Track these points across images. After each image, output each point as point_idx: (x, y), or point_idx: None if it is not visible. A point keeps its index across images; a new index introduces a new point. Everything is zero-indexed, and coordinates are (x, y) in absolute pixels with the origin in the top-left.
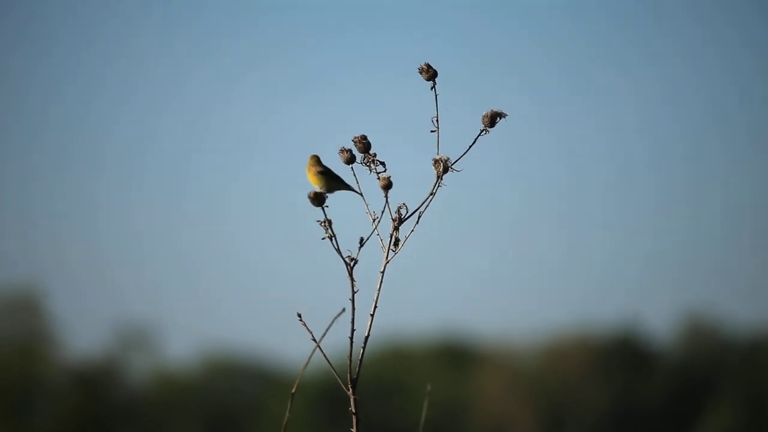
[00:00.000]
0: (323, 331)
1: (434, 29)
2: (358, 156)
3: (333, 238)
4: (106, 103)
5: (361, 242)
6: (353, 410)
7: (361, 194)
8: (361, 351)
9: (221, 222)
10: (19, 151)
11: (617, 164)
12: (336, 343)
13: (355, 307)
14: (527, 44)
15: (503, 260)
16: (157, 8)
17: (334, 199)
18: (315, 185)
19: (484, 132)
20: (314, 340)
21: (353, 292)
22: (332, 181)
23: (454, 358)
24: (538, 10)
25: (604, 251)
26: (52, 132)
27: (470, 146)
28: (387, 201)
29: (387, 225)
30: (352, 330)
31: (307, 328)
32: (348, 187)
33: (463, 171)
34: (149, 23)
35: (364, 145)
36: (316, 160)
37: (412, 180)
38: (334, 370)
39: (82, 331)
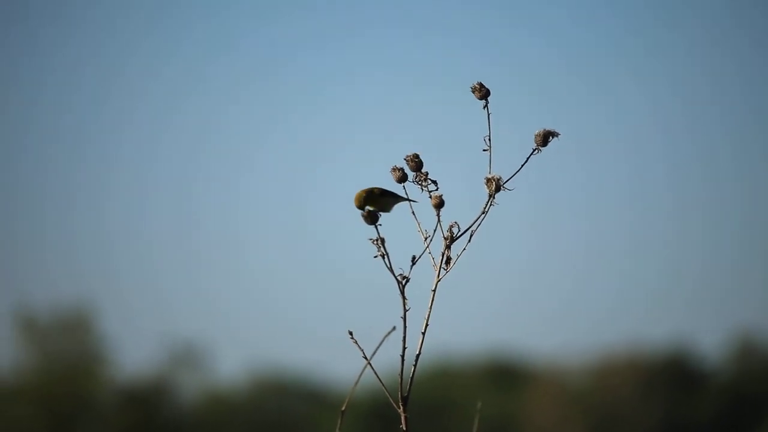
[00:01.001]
0: (374, 349)
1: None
2: (410, 174)
3: (385, 257)
4: (153, 115)
5: (413, 260)
6: (404, 428)
7: (412, 201)
8: (412, 369)
9: (273, 241)
10: (68, 168)
11: (669, 183)
12: (386, 361)
13: (407, 325)
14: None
15: (554, 280)
16: (170, 11)
17: (386, 217)
18: (381, 210)
19: (537, 151)
20: (365, 357)
21: (405, 310)
22: (391, 199)
23: (503, 377)
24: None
25: (656, 271)
26: (95, 149)
27: (522, 165)
28: (439, 219)
29: (439, 243)
30: (404, 348)
31: (359, 346)
32: (403, 198)
33: (515, 190)
34: (160, 28)
35: (416, 163)
36: (368, 193)
37: (463, 199)
38: (385, 388)
39: (133, 350)
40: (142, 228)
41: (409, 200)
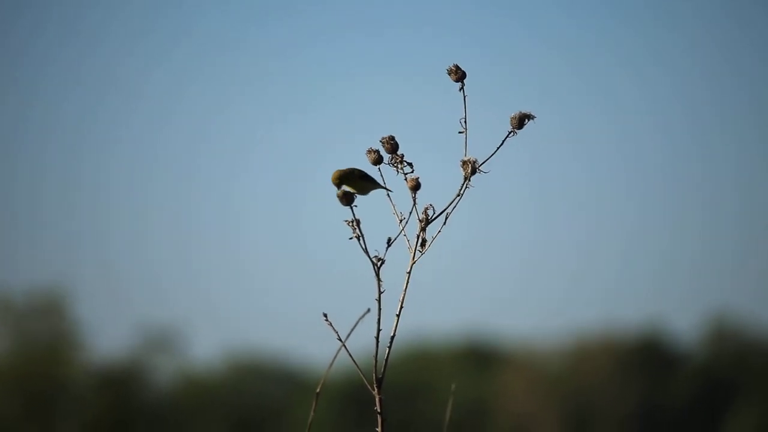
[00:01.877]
0: (348, 331)
1: (458, 30)
2: (386, 157)
3: (360, 238)
4: (136, 105)
5: (389, 242)
6: (378, 410)
7: (389, 191)
8: (387, 351)
9: (246, 223)
10: (41, 154)
11: (640, 166)
12: (361, 344)
13: (381, 307)
14: (538, 47)
15: (528, 262)
16: (167, 10)
17: (361, 199)
18: (358, 193)
19: (512, 134)
20: (340, 339)
21: (380, 293)
22: (370, 183)
23: (478, 360)
24: (550, 12)
25: (629, 253)
26: (76, 135)
27: (498, 148)
28: (414, 202)
29: (414, 226)
30: (378, 330)
31: (333, 328)
32: (379, 186)
33: (490, 173)
34: (157, 27)
35: (392, 145)
36: (347, 173)
37: (439, 181)
38: (360, 370)
39: (107, 333)
40: (117, 212)
41: (386, 189)
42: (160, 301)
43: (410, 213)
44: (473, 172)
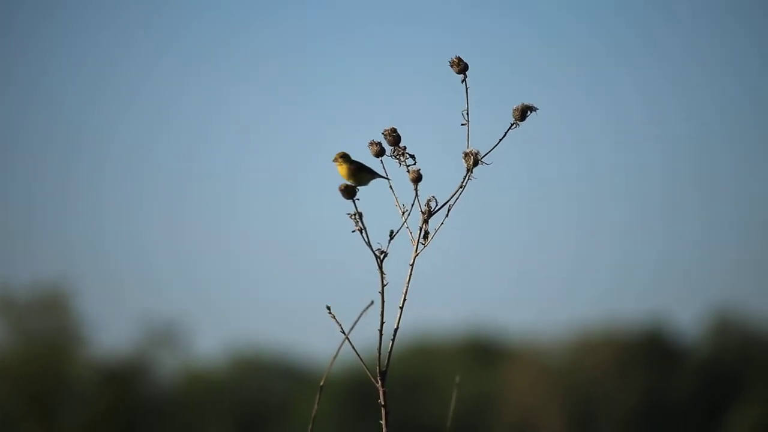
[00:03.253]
0: (352, 324)
1: (460, 22)
2: (388, 149)
3: (363, 231)
4: (130, 100)
5: (391, 235)
6: (382, 402)
7: (389, 179)
8: (391, 344)
9: (248, 218)
10: (41, 152)
11: (643, 160)
12: (364, 337)
13: (385, 299)
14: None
15: (531, 256)
16: (164, 7)
17: (364, 192)
18: (349, 182)
19: (515, 125)
20: (343, 332)
21: (383, 285)
22: (366, 174)
23: (481, 354)
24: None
25: (632, 247)
26: (81, 133)
27: (500, 140)
28: (417, 194)
29: (417, 218)
30: (382, 322)
31: (337, 321)
32: (378, 175)
33: (493, 164)
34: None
35: (394, 137)
36: (346, 156)
37: (441, 173)
38: (363, 363)
39: (110, 329)
40: (121, 208)
41: (387, 178)
42: (162, 297)
43: (412, 205)
44: (475, 163)
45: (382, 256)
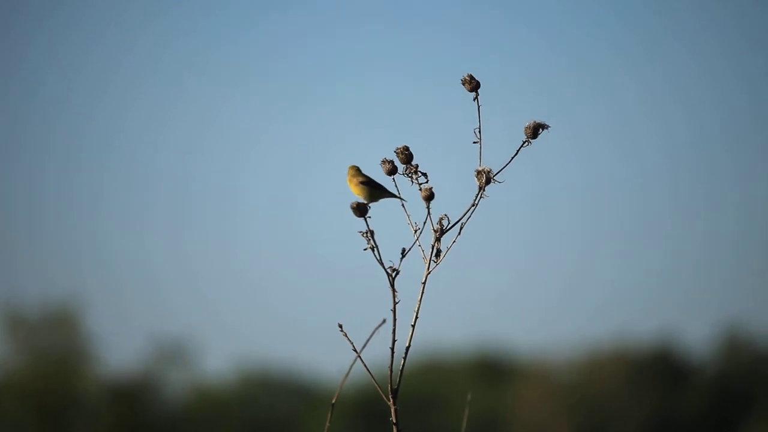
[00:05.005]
0: (364, 342)
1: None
2: (400, 167)
3: (375, 249)
4: (145, 114)
5: (403, 253)
6: (394, 420)
7: (403, 200)
8: (402, 361)
9: (257, 235)
10: (54, 166)
11: (653, 177)
12: (376, 355)
13: (396, 317)
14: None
15: (540, 274)
16: (164, 10)
17: (376, 209)
18: (358, 196)
19: (527, 143)
20: (355, 350)
21: (395, 303)
22: (375, 191)
23: (491, 372)
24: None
25: (641, 264)
26: (86, 147)
27: (512, 157)
28: (429, 212)
29: (429, 236)
30: (393, 340)
31: (348, 339)
32: (391, 195)
33: (505, 182)
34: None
35: (406, 156)
36: (357, 170)
37: (454, 191)
38: (375, 381)
39: (120, 346)
40: (130, 225)
41: (401, 198)
42: (171, 314)
43: (424, 223)
44: (488, 182)
45: (394, 274)
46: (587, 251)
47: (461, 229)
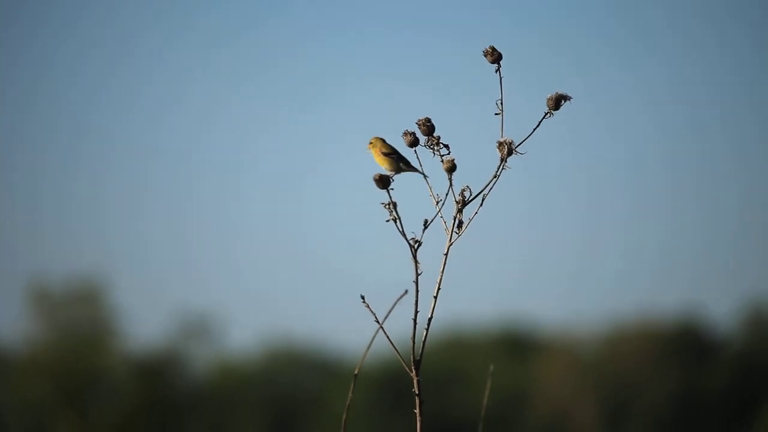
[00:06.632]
0: (386, 313)
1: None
2: (422, 139)
3: (397, 221)
4: (158, 98)
5: (425, 224)
6: (416, 391)
7: (426, 177)
8: (425, 333)
9: (281, 210)
10: (85, 141)
11: (680, 154)
12: (398, 327)
13: (419, 289)
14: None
15: (565, 248)
16: (166, 7)
17: (398, 181)
18: (382, 166)
19: (549, 115)
20: (377, 321)
21: (417, 274)
22: (400, 163)
23: (515, 347)
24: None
25: (667, 239)
26: (109, 125)
27: (534, 129)
28: (451, 183)
29: (451, 207)
30: (416, 311)
31: (371, 310)
32: (414, 169)
33: (527, 154)
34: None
35: (428, 128)
36: (382, 141)
37: (476, 162)
38: (398, 351)
39: (145, 322)
40: (154, 201)
41: (423, 173)
42: (196, 289)
43: (447, 195)
44: (509, 153)
45: (416, 246)
46: (611, 225)
47: (483, 200)
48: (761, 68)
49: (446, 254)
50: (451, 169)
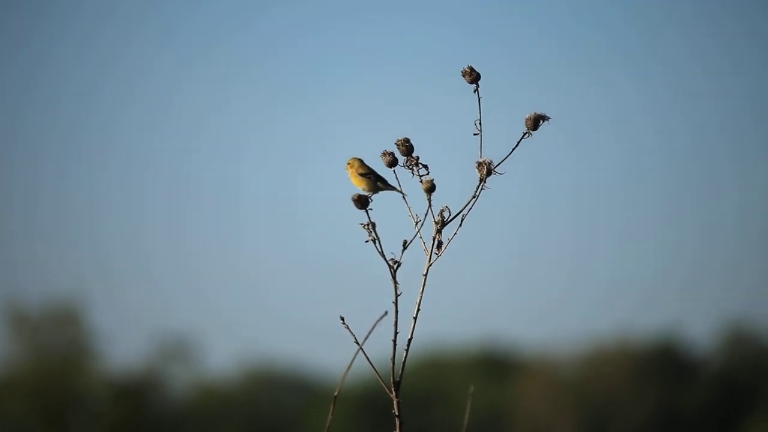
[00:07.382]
0: (366, 334)
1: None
2: (401, 159)
3: (376, 241)
4: (145, 111)
5: (405, 245)
6: (396, 413)
7: (404, 195)
8: (405, 354)
9: (258, 231)
10: (59, 165)
11: (660, 174)
12: (378, 348)
13: (398, 310)
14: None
15: (544, 268)
16: (162, 6)
17: (377, 201)
18: (359, 187)
19: (527, 135)
20: (357, 342)
21: (396, 295)
22: (377, 183)
23: (494, 367)
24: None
25: (646, 260)
26: (88, 143)
27: (513, 149)
28: (430, 204)
29: (430, 228)
30: (395, 332)
31: (350, 331)
32: (392, 188)
33: (506, 174)
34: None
35: (407, 148)
36: (359, 162)
37: (454, 183)
38: (377, 373)
39: (123, 343)
40: (133, 222)
41: (401, 192)
42: (174, 310)
43: (426, 215)
44: (489, 173)
45: (395, 266)
46: (590, 246)
47: (462, 220)
48: (761, 68)
49: (425, 275)
50: (430, 189)
